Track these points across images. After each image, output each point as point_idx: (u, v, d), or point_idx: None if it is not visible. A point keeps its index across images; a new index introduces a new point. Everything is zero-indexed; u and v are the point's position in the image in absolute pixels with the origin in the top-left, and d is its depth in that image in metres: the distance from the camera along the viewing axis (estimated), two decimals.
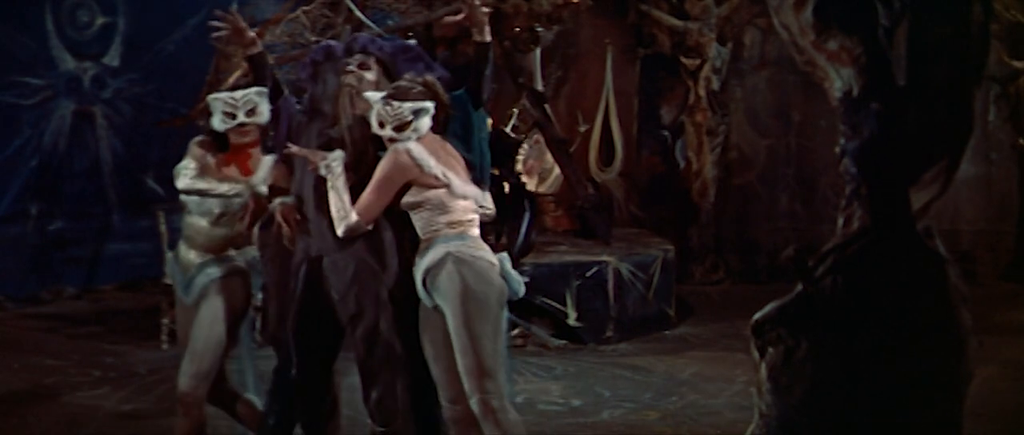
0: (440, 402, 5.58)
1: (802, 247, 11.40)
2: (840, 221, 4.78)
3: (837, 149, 4.80)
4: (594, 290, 9.26)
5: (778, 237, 11.78)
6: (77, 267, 10.90)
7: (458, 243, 5.44)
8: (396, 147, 5.46)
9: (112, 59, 11.08)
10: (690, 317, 10.16)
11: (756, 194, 11.89)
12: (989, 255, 11.64)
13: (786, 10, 4.84)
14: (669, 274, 9.85)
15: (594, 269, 9.29)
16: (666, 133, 11.87)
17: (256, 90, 5.85)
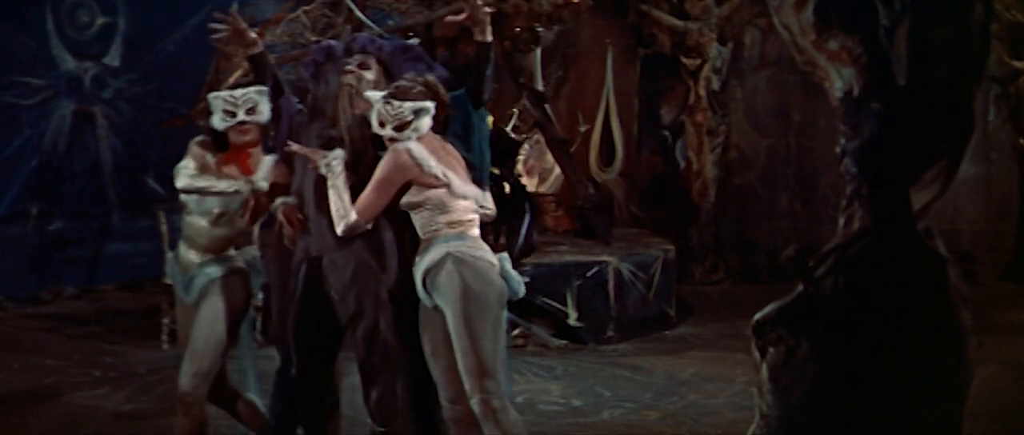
0: (440, 402, 5.58)
1: (802, 247, 11.36)
2: (841, 221, 4.77)
3: (838, 149, 4.80)
4: (594, 290, 9.25)
5: (778, 237, 11.77)
6: (77, 267, 10.89)
7: (458, 243, 5.44)
8: (396, 147, 5.45)
9: (112, 59, 11.07)
10: (690, 317, 10.15)
11: (756, 194, 11.88)
12: (989, 255, 11.64)
13: (787, 10, 4.84)
14: (669, 274, 9.84)
15: (594, 269, 9.28)
16: (666, 133, 11.86)
17: (256, 89, 5.85)
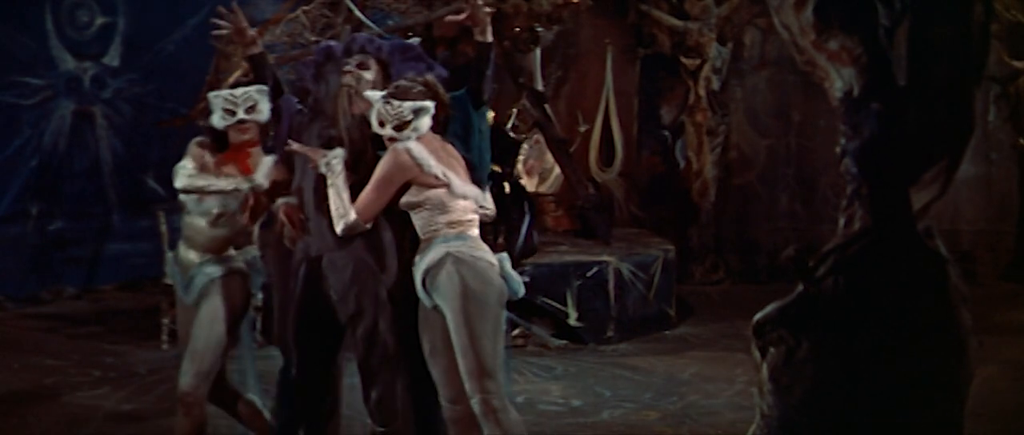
0: (440, 402, 5.58)
1: (802, 247, 11.37)
2: (841, 221, 4.77)
3: (838, 149, 4.80)
4: (594, 290, 9.25)
5: (778, 237, 11.77)
6: (77, 267, 10.89)
7: (458, 243, 5.44)
8: (396, 146, 5.45)
9: (112, 59, 11.07)
10: (690, 317, 10.15)
11: (756, 194, 11.89)
12: (989, 255, 11.64)
13: (787, 10, 4.84)
14: (669, 274, 9.84)
15: (594, 269, 9.28)
16: (666, 133, 11.86)
17: (257, 88, 5.86)
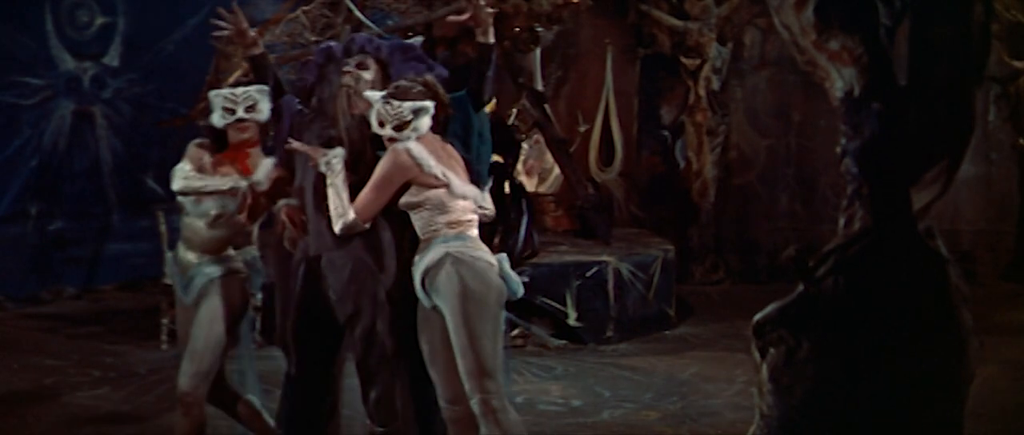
0: (439, 402, 5.58)
1: (802, 247, 11.38)
2: (841, 221, 4.77)
3: (838, 149, 4.80)
4: (594, 290, 9.25)
5: (778, 237, 11.77)
6: (77, 267, 10.88)
7: (457, 243, 5.44)
8: (396, 146, 5.45)
9: (112, 59, 11.07)
10: (690, 317, 10.15)
11: (756, 194, 11.89)
12: (989, 255, 11.64)
13: (787, 10, 4.84)
14: (669, 274, 9.84)
15: (594, 269, 9.28)
16: (666, 133, 11.86)
17: (257, 88, 5.86)
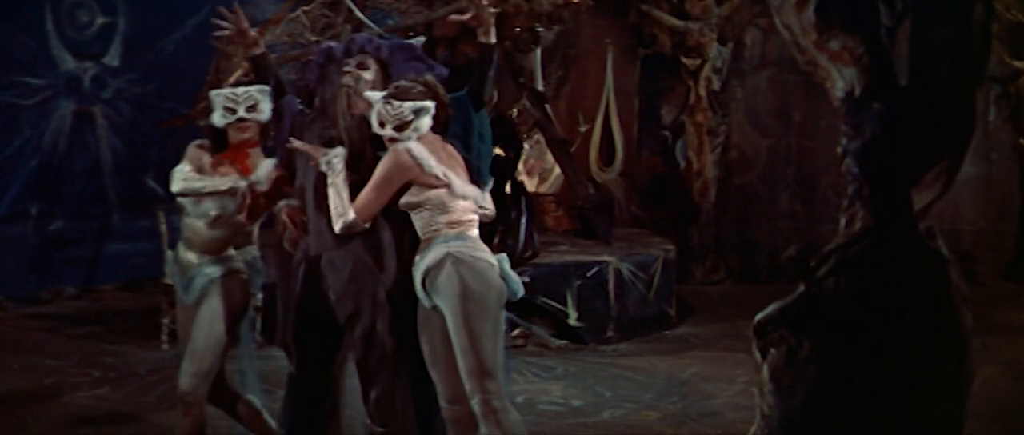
0: (439, 402, 5.58)
1: (803, 247, 11.35)
2: (842, 221, 4.77)
3: (839, 149, 4.80)
4: (595, 290, 9.24)
5: (778, 237, 11.77)
6: (77, 267, 10.88)
7: (458, 243, 5.43)
8: (396, 146, 5.45)
9: (112, 59, 11.06)
10: (691, 317, 10.15)
11: (756, 194, 11.88)
12: (990, 255, 11.64)
13: (788, 10, 4.84)
14: (670, 274, 9.84)
15: (595, 269, 9.28)
16: (667, 133, 11.86)
17: (258, 88, 5.86)
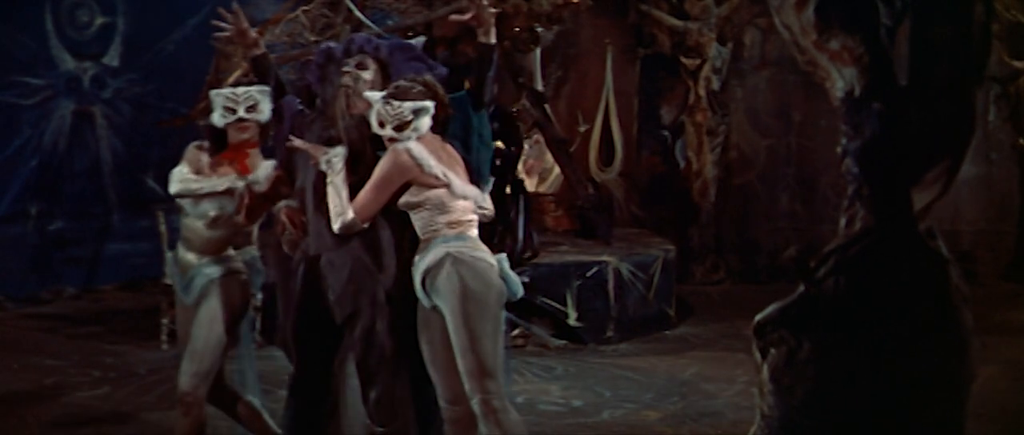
0: (439, 402, 5.57)
1: (803, 247, 11.41)
2: (842, 222, 4.77)
3: (839, 149, 4.80)
4: (594, 290, 9.24)
5: (778, 237, 11.78)
6: (77, 267, 10.89)
7: (458, 243, 5.43)
8: (396, 146, 5.45)
9: (112, 59, 11.07)
10: (691, 317, 10.15)
11: (756, 194, 11.89)
12: (990, 255, 11.64)
13: (787, 10, 4.83)
14: (669, 274, 9.84)
15: (594, 269, 9.28)
16: (666, 133, 11.86)
17: (258, 88, 5.86)
